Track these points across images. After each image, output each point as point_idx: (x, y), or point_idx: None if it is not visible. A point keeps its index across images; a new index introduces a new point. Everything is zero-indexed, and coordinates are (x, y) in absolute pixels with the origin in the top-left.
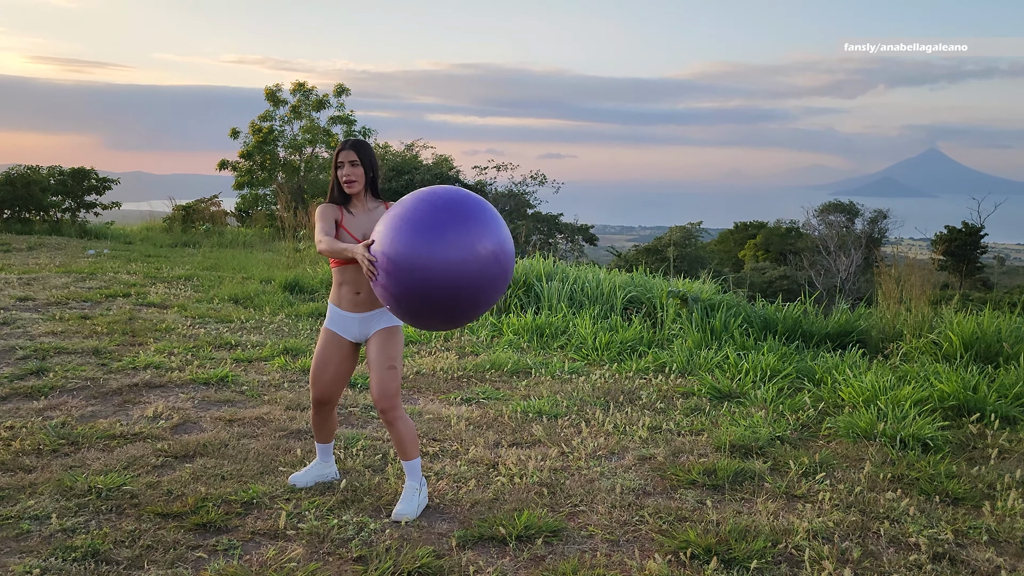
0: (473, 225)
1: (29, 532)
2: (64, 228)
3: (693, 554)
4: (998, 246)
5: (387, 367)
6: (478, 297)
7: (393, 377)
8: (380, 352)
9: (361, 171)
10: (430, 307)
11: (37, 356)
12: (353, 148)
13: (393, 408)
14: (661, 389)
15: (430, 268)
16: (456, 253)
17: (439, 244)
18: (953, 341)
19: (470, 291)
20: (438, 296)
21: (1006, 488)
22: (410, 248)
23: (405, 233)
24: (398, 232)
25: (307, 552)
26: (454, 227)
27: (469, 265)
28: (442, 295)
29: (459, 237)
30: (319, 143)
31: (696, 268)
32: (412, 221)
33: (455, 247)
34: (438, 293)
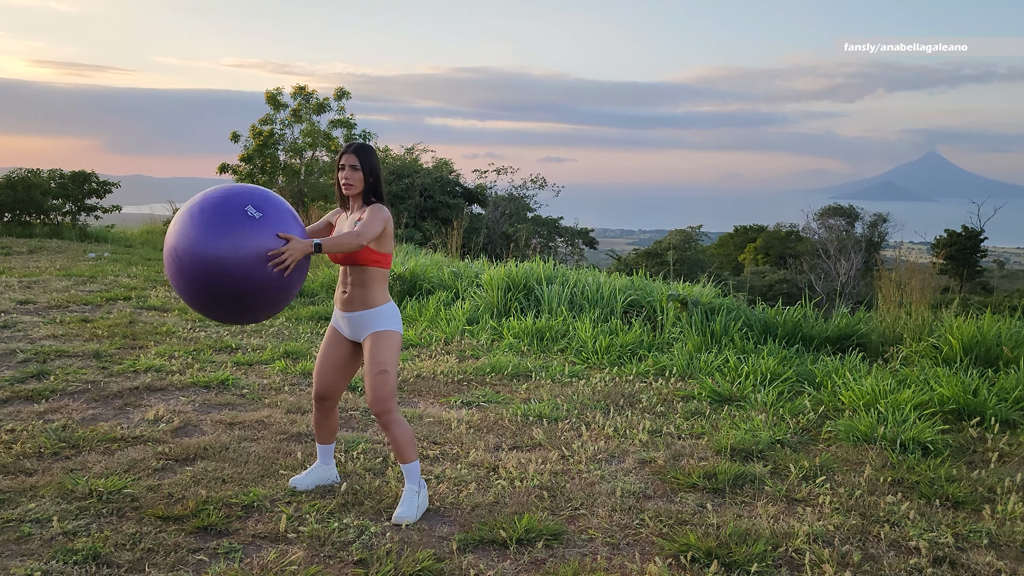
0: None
1: (30, 535)
2: (64, 231)
3: (693, 557)
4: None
5: (378, 371)
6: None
7: (385, 381)
8: (371, 357)
9: (360, 176)
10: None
11: (38, 359)
12: (355, 153)
13: (387, 412)
14: (661, 393)
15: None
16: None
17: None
18: (953, 345)
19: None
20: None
21: (1006, 492)
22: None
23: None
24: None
25: (308, 555)
26: (190, 227)
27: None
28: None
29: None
30: (319, 147)
31: (696, 272)
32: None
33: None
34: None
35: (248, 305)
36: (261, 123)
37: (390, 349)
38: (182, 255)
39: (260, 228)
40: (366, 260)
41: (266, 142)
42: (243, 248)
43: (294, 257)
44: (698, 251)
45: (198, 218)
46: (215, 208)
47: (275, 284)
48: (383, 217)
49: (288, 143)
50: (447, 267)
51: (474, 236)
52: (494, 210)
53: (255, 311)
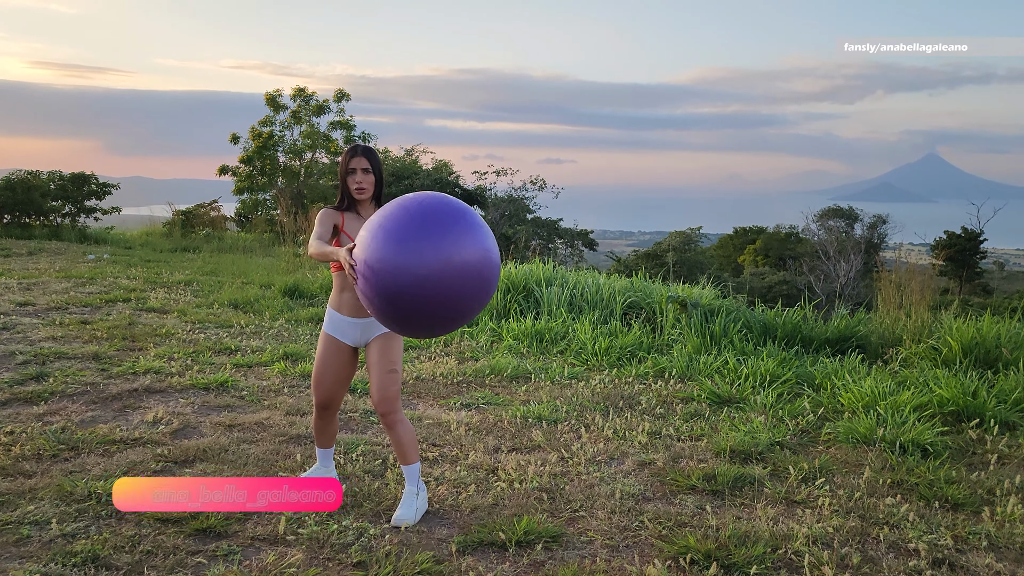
0: (452, 234)
1: (29, 537)
2: (64, 233)
3: (693, 559)
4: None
5: (388, 370)
6: (457, 306)
7: (394, 381)
8: (381, 356)
9: (373, 179)
10: (406, 314)
11: (37, 361)
12: (365, 155)
13: (393, 412)
14: (661, 394)
15: (403, 276)
16: (432, 262)
17: (414, 253)
18: (952, 346)
19: (447, 300)
20: (414, 304)
21: (1006, 494)
22: (385, 255)
23: (381, 239)
24: (375, 238)
25: (307, 557)
26: (430, 236)
27: (445, 275)
28: (417, 303)
29: (436, 246)
30: (319, 148)
31: (695, 273)
32: (389, 228)
33: (430, 256)
34: (413, 301)
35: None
36: (261, 125)
37: (398, 349)
38: (493, 262)
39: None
40: None
41: (266, 144)
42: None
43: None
44: (698, 252)
45: (481, 223)
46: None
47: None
48: None
49: (288, 145)
50: None
51: None
52: (494, 211)
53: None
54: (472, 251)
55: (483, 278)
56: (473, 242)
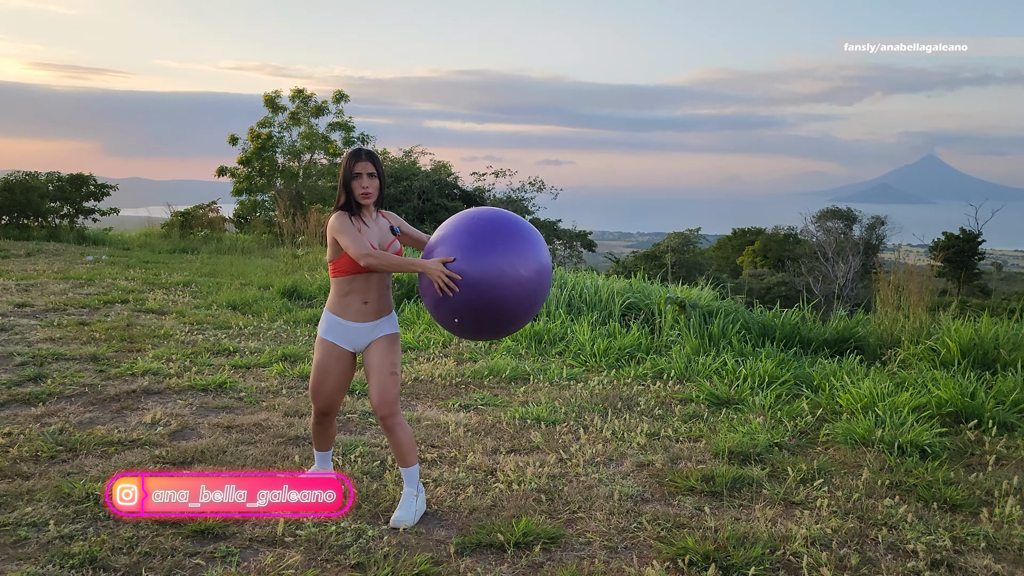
0: (529, 244)
1: (27, 539)
2: (62, 234)
3: (691, 561)
4: (996, 252)
5: (388, 373)
6: (533, 309)
7: (394, 383)
8: (382, 358)
9: (378, 183)
10: (497, 319)
11: (35, 362)
12: (370, 159)
13: (393, 415)
14: (659, 395)
15: (507, 284)
16: (526, 270)
17: (516, 262)
18: (951, 347)
19: (530, 304)
20: (508, 309)
21: (1004, 495)
22: (490, 265)
23: (484, 251)
24: (476, 250)
25: (305, 559)
26: (522, 246)
27: (532, 281)
28: (512, 308)
29: (528, 255)
30: (318, 149)
31: (694, 274)
32: (490, 239)
33: (526, 265)
34: (509, 307)
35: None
36: (259, 126)
37: (399, 352)
38: (545, 271)
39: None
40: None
41: (264, 145)
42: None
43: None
44: (696, 254)
45: (537, 235)
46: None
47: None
48: None
49: (286, 146)
50: None
51: None
52: None
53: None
54: (542, 257)
55: (548, 280)
56: (542, 249)
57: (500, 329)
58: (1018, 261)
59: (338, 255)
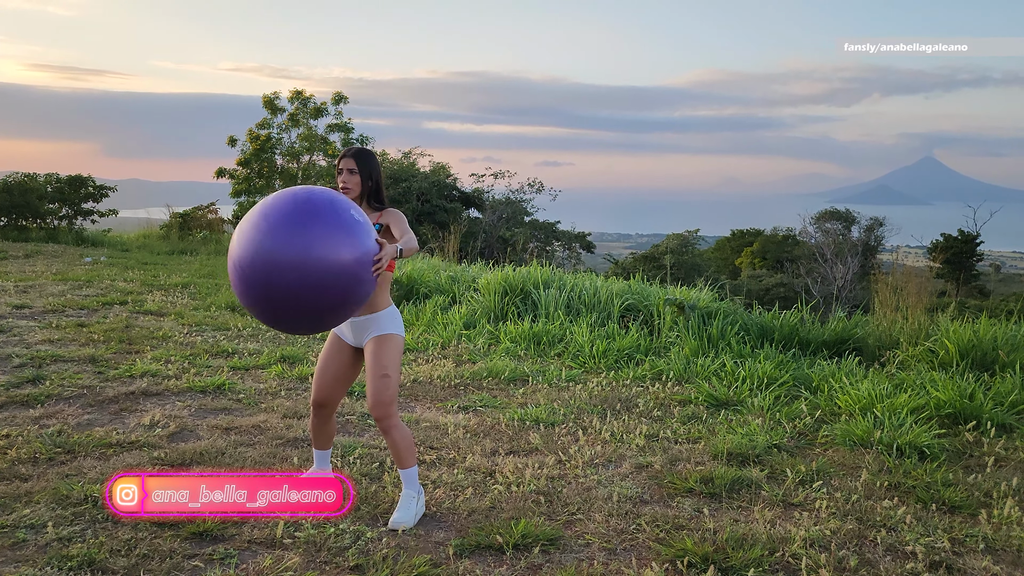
0: (247, 229)
1: (25, 541)
2: (61, 235)
3: (690, 562)
4: (994, 253)
5: (381, 375)
6: (259, 303)
7: (387, 385)
8: (374, 360)
9: (358, 179)
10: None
11: (33, 364)
12: (353, 156)
13: (388, 416)
14: (658, 397)
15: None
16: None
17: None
18: (949, 349)
19: (252, 295)
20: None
21: (1002, 496)
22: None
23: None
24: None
25: (304, 561)
26: (245, 230)
27: (241, 271)
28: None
29: (240, 239)
30: (317, 151)
31: (693, 276)
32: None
33: (238, 248)
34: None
35: (344, 310)
36: (258, 127)
37: (393, 353)
38: (333, 261)
39: (368, 232)
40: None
41: (263, 146)
42: (361, 251)
43: (387, 262)
44: (695, 255)
45: (325, 223)
46: (331, 212)
47: (366, 292)
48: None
49: (285, 147)
50: (444, 271)
51: (471, 240)
52: (491, 214)
53: (341, 317)
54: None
55: (244, 278)
56: (249, 241)
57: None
58: (1016, 262)
59: None
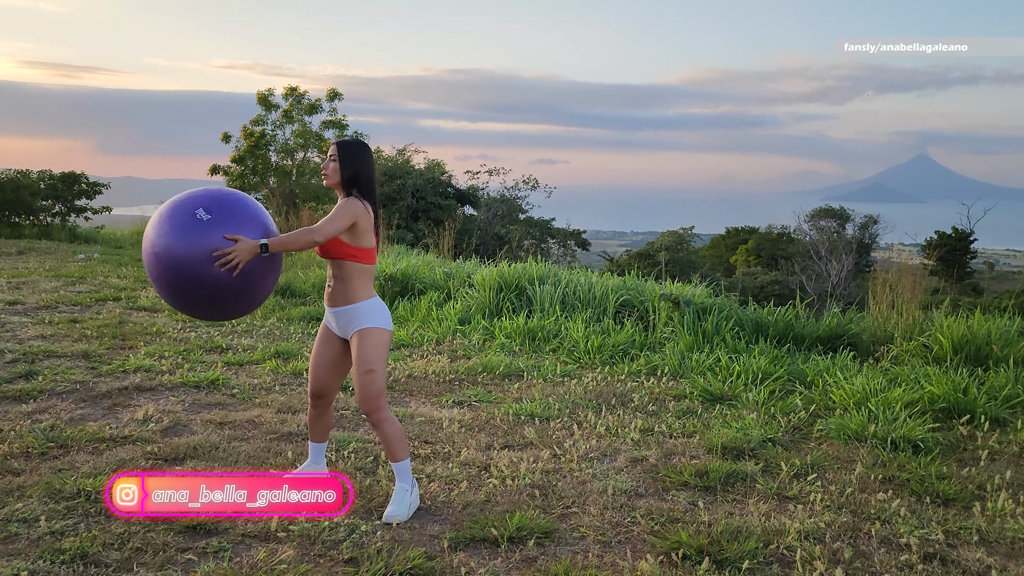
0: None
1: (17, 535)
2: (54, 232)
3: (685, 555)
4: (988, 251)
5: (365, 371)
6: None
7: (372, 380)
8: (358, 356)
9: (335, 167)
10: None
11: (26, 360)
12: (337, 144)
13: (376, 410)
14: (653, 392)
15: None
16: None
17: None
18: (943, 344)
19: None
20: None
21: (996, 489)
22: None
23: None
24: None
25: (298, 554)
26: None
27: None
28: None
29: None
30: (311, 147)
31: (688, 273)
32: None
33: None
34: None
35: (213, 302)
36: (252, 124)
37: (376, 347)
38: (151, 255)
39: (209, 229)
40: (341, 254)
41: (257, 143)
42: (194, 248)
43: (240, 257)
44: (690, 252)
45: (162, 220)
46: (172, 211)
47: (231, 283)
48: (350, 211)
49: (280, 144)
50: (439, 267)
51: (466, 237)
52: (486, 211)
53: (223, 308)
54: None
55: (160, 265)
56: (160, 230)
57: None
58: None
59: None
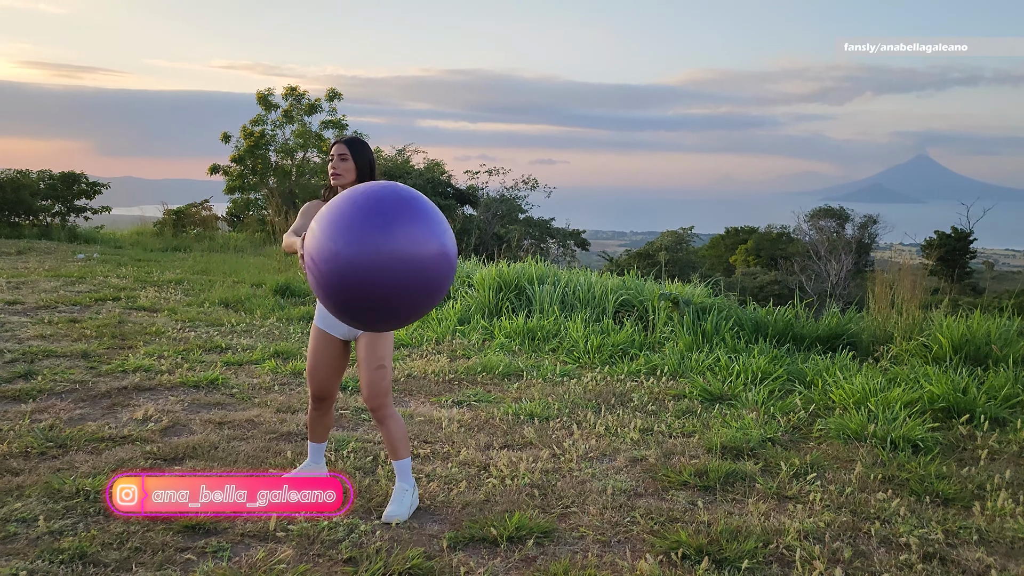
0: (395, 224)
1: (16, 535)
2: (54, 232)
3: (684, 554)
4: (987, 251)
5: (376, 366)
6: (403, 298)
7: (383, 376)
8: (369, 352)
9: (350, 165)
10: (346, 304)
11: (25, 359)
12: (345, 143)
13: (383, 407)
14: (652, 391)
15: (337, 264)
16: (361, 251)
17: (347, 242)
18: (943, 344)
19: (393, 292)
20: (358, 295)
21: (996, 488)
22: (322, 244)
23: (322, 229)
24: (319, 227)
25: (297, 554)
26: (364, 224)
27: (388, 265)
28: (360, 294)
29: (365, 235)
30: (311, 147)
31: (687, 273)
32: (328, 218)
33: (362, 244)
34: (356, 292)
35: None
36: (252, 124)
37: (388, 344)
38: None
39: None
40: None
41: (257, 143)
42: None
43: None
44: (689, 252)
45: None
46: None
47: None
48: None
49: (279, 144)
50: None
51: (466, 237)
52: (486, 211)
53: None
54: (414, 242)
55: (423, 268)
56: (418, 233)
57: (359, 318)
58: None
59: None
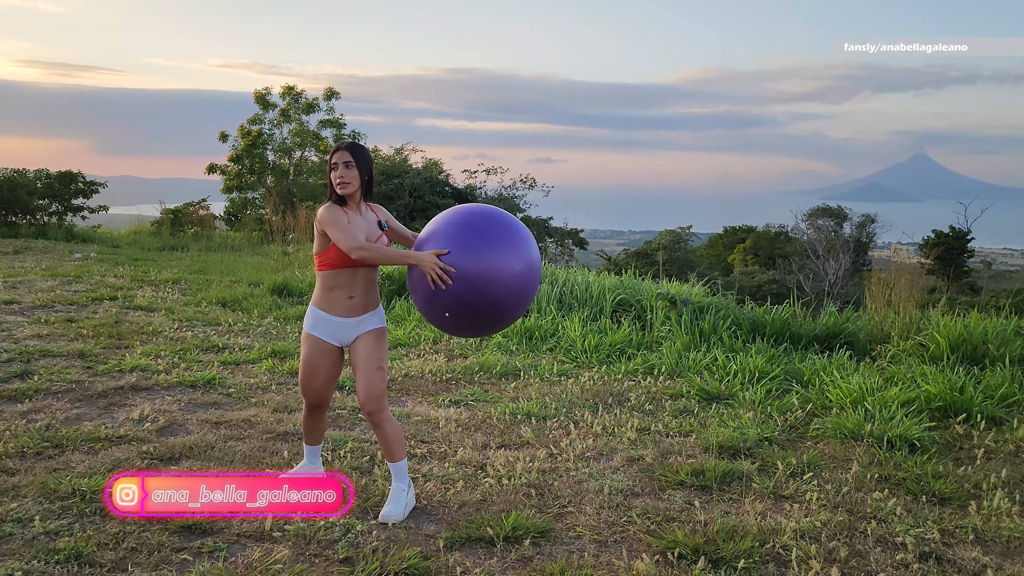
0: (521, 240)
1: (11, 535)
2: (51, 232)
3: (681, 554)
4: (985, 251)
5: (375, 368)
6: (523, 305)
7: (381, 378)
8: (369, 353)
9: (356, 173)
10: (489, 314)
11: (22, 359)
12: (348, 149)
13: (380, 409)
14: (650, 391)
15: (500, 278)
16: (519, 265)
17: (509, 257)
18: (940, 343)
19: (521, 299)
20: (499, 304)
21: (992, 488)
22: (484, 259)
23: (479, 245)
24: (470, 244)
25: (293, 554)
26: (515, 241)
27: (524, 276)
28: (503, 303)
29: (520, 250)
30: (308, 147)
31: (685, 272)
32: (484, 234)
33: (519, 260)
34: (501, 302)
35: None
36: (250, 123)
37: (385, 346)
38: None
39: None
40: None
41: (255, 142)
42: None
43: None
44: (687, 251)
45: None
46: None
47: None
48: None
49: (277, 143)
50: None
51: None
52: None
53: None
54: (533, 254)
55: (538, 277)
56: (531, 247)
57: (490, 325)
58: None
59: (325, 248)
